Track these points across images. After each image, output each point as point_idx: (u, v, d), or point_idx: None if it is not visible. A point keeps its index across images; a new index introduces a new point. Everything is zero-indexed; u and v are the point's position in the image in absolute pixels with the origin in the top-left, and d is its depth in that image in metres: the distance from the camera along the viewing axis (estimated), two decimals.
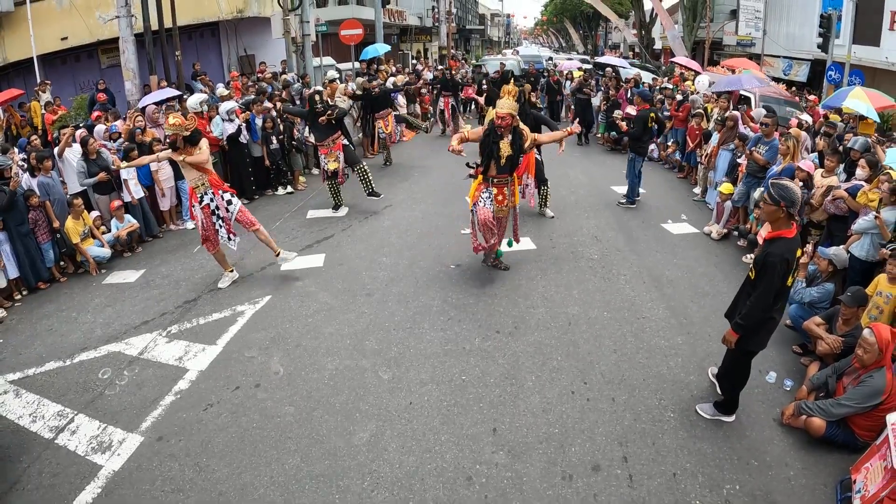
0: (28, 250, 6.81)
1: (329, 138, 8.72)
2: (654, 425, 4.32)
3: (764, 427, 4.31)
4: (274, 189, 10.54)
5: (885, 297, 4.73)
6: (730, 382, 4.26)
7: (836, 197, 6.06)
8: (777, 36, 21.33)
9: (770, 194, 3.71)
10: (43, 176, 7.25)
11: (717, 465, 3.95)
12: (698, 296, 6.29)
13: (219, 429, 4.43)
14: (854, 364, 4.12)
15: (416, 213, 9.07)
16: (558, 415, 4.45)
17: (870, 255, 5.41)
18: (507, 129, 6.10)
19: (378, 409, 4.57)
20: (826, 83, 13.82)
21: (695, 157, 10.67)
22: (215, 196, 6.49)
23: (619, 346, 5.35)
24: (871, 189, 5.66)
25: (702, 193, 9.90)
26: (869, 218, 5.43)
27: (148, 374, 5.17)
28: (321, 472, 3.96)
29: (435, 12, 33.89)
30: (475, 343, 5.44)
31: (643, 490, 3.75)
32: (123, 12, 11.56)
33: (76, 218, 7.22)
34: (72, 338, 5.82)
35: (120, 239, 7.81)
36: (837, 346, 4.53)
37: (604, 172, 11.56)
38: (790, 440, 4.17)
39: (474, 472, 3.93)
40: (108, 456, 4.18)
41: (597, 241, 7.82)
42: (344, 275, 6.96)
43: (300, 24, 16.74)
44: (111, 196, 8.05)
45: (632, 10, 36.19)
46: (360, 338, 5.60)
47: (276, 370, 5.15)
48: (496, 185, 6.33)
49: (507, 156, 6.15)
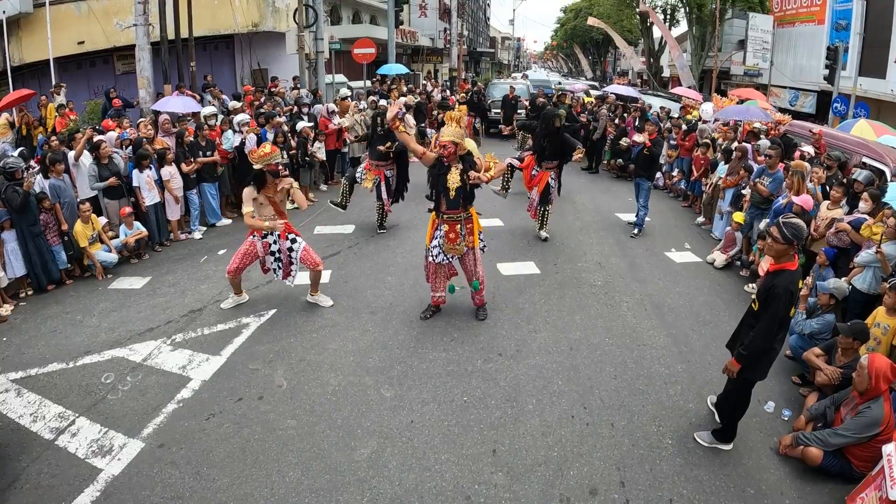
0: (40, 251, 6.90)
1: (380, 161, 8.82)
2: (651, 451, 4.36)
3: (761, 456, 4.34)
4: None
5: (882, 328, 4.78)
6: (729, 410, 4.30)
7: (839, 230, 6.12)
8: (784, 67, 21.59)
9: (783, 234, 3.77)
10: (55, 178, 7.35)
11: (713, 492, 3.97)
12: (699, 324, 6.34)
13: (221, 439, 4.48)
14: (853, 394, 4.16)
15: (421, 233, 9.11)
16: (557, 438, 4.49)
17: (871, 288, 5.46)
18: (453, 158, 5.70)
19: (379, 427, 4.62)
20: (832, 115, 13.95)
21: (699, 186, 10.76)
22: (281, 239, 6.25)
23: (619, 372, 5.40)
24: (876, 223, 5.73)
25: (705, 222, 9.97)
26: (871, 251, 5.49)
27: (151, 380, 5.23)
28: (321, 487, 4.00)
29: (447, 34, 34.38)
30: (477, 365, 5.49)
31: None
32: (141, 20, 11.76)
33: (85, 222, 7.32)
34: (76, 340, 5.88)
35: (128, 245, 7.88)
36: (836, 377, 4.57)
37: (609, 199, 11.66)
38: (787, 469, 4.20)
39: (473, 491, 3.97)
40: (109, 460, 4.22)
41: (600, 268, 7.89)
42: (349, 292, 7.03)
43: (314, 40, 17.03)
44: (121, 202, 8.15)
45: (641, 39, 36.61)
46: (364, 355, 5.65)
47: (279, 383, 5.20)
48: (447, 221, 5.84)
49: (457, 187, 5.69)
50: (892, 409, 3.89)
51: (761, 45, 22.00)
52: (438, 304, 6.41)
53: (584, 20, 35.87)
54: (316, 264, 6.43)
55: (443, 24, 35.16)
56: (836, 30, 18.53)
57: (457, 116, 5.72)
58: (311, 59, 17.65)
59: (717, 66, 25.03)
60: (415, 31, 29.69)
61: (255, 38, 19.19)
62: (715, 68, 24.82)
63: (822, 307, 5.39)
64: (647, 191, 9.23)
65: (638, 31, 36.61)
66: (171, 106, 10.50)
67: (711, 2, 25.00)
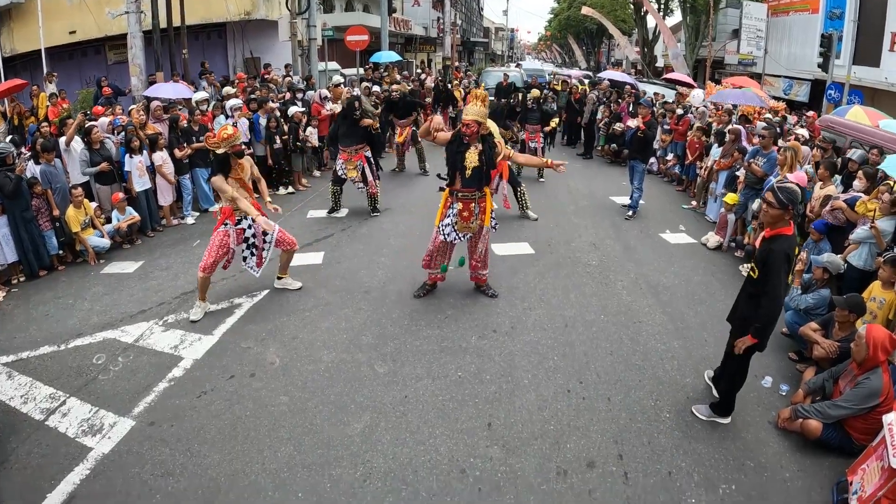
0: (32, 236, 6.80)
1: (354, 146, 8.68)
2: (649, 425, 4.31)
3: (759, 430, 4.30)
4: (275, 189, 10.55)
5: (878, 302, 4.75)
6: (727, 383, 4.26)
7: (834, 208, 6.09)
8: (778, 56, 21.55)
9: (778, 199, 3.74)
10: (46, 164, 7.24)
11: (712, 465, 3.93)
12: (695, 303, 6.29)
13: (212, 416, 4.40)
14: (851, 367, 4.13)
15: (415, 217, 9.05)
16: (553, 412, 4.44)
17: (867, 264, 5.44)
18: (474, 138, 5.58)
19: (372, 402, 4.55)
20: (826, 102, 13.94)
21: (694, 170, 10.72)
22: (255, 223, 5.91)
23: (615, 348, 5.35)
24: (871, 199, 5.70)
25: (698, 205, 9.94)
26: (866, 227, 5.46)
27: (142, 360, 5.14)
28: (313, 461, 3.93)
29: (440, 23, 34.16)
30: (472, 341, 5.43)
31: (638, 488, 3.73)
32: (133, 8, 11.66)
33: (77, 207, 7.21)
34: (68, 324, 5.79)
35: (120, 230, 7.79)
36: (833, 350, 4.54)
37: (604, 183, 11.60)
38: (786, 443, 4.16)
39: (468, 465, 3.91)
40: (99, 439, 4.14)
41: (595, 248, 7.84)
42: (342, 273, 6.96)
43: (307, 27, 16.87)
44: (112, 188, 8.05)
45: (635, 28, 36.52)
46: (357, 332, 5.58)
47: (271, 360, 5.13)
48: (461, 199, 5.76)
49: (474, 167, 5.59)
50: (891, 380, 3.85)
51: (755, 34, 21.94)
52: (435, 281, 6.30)
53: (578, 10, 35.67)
54: (292, 244, 6.31)
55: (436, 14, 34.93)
56: (831, 18, 18.49)
57: (482, 95, 5.57)
58: (304, 47, 17.50)
59: (711, 56, 24.98)
60: (408, 20, 29.46)
61: (247, 27, 19.03)
62: (709, 57, 24.77)
63: (816, 282, 5.36)
64: (641, 173, 9.21)
65: (632, 20, 36.53)
66: (163, 92, 10.46)
67: None
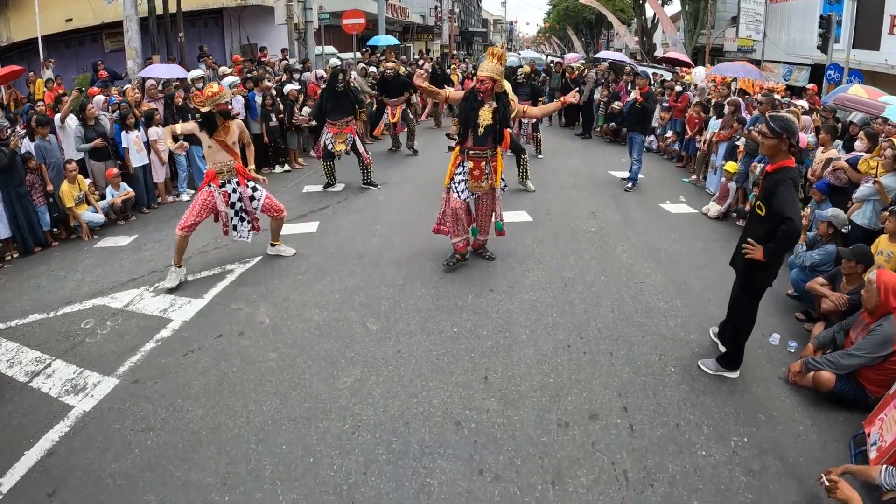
0: (27, 212, 6.67)
1: (343, 119, 8.55)
2: (654, 379, 4.13)
3: (769, 384, 4.12)
4: (271, 167, 10.39)
5: (885, 255, 4.58)
6: (734, 333, 4.07)
7: (836, 168, 5.94)
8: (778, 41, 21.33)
9: (771, 128, 3.62)
10: (40, 139, 7.11)
11: (721, 418, 3.75)
12: (697, 267, 6.11)
13: (198, 373, 4.24)
14: (862, 316, 3.95)
15: (413, 191, 8.86)
16: (553, 366, 4.26)
17: (871, 222, 5.27)
18: (488, 95, 5.38)
19: (364, 357, 4.38)
20: (826, 83, 13.75)
21: (693, 145, 10.54)
22: (240, 186, 5.74)
23: (616, 306, 5.17)
24: (873, 157, 5.55)
25: (698, 179, 9.77)
26: (869, 184, 5.31)
27: (131, 324, 4.99)
28: (300, 415, 3.75)
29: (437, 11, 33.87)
30: (468, 300, 5.25)
31: (644, 440, 3.54)
32: None
33: (71, 182, 7.09)
34: (59, 294, 5.63)
35: (114, 206, 7.66)
36: (843, 302, 4.36)
37: (602, 160, 11.38)
38: (798, 397, 3.97)
39: (463, 417, 3.73)
40: (81, 397, 4.00)
41: (594, 217, 7.65)
42: (337, 241, 6.78)
43: (303, 10, 16.62)
44: (107, 164, 7.93)
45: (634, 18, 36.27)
46: (350, 293, 5.41)
47: (261, 320, 4.95)
48: (472, 158, 5.55)
49: (487, 125, 5.39)
50: None
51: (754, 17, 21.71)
52: (464, 249, 5.91)
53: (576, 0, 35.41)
54: (280, 210, 6.09)
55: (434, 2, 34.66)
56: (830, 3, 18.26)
57: (498, 53, 5.39)
58: (300, 30, 17.25)
59: (710, 43, 24.77)
60: (405, 7, 29.19)
61: (244, 13, 18.77)
62: (708, 45, 24.56)
63: (821, 237, 5.20)
64: (640, 144, 9.04)
65: (630, 9, 36.28)
66: (158, 72, 10.39)
67: None
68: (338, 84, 8.49)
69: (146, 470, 3.32)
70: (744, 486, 3.19)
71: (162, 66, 11.04)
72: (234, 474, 3.26)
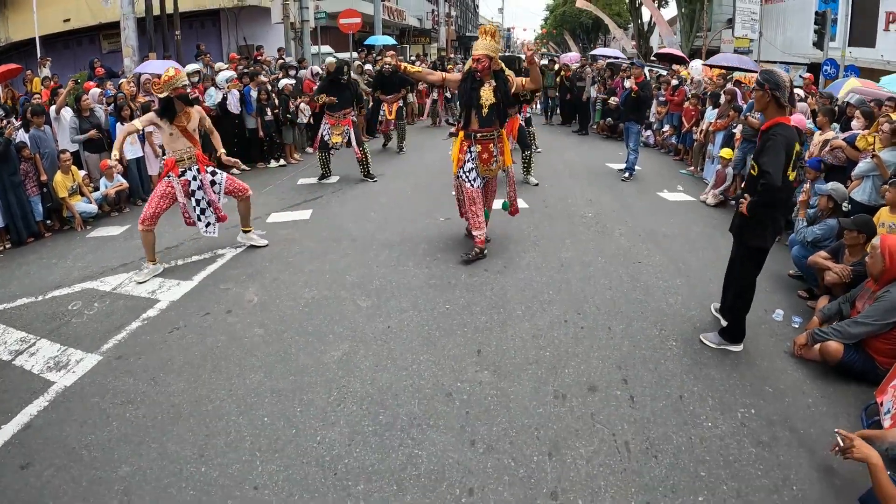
0: (20, 201, 6.58)
1: (341, 111, 8.47)
2: (655, 352, 3.97)
3: (775, 358, 3.95)
4: (266, 162, 10.29)
5: (887, 227, 4.45)
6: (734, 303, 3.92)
7: (834, 147, 5.84)
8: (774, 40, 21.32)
9: (758, 81, 3.59)
10: (35, 129, 7.02)
11: (727, 390, 3.58)
12: (696, 249, 5.96)
13: (182, 348, 4.10)
14: (867, 285, 3.80)
15: (407, 182, 8.76)
16: (549, 340, 4.10)
17: (871, 198, 5.15)
18: (486, 73, 5.19)
19: (353, 332, 4.22)
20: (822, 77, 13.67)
21: (690, 138, 10.43)
22: (201, 173, 5.56)
23: (614, 284, 5.01)
24: (871, 133, 5.46)
25: (696, 170, 9.64)
26: (868, 160, 5.21)
27: (118, 305, 4.87)
28: (284, 388, 3.60)
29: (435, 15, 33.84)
30: (461, 279, 5.09)
31: (647, 411, 3.38)
32: None
33: (65, 173, 6.99)
34: (48, 279, 5.52)
35: (108, 197, 7.57)
36: (846, 273, 4.22)
37: (599, 153, 11.26)
38: (805, 371, 3.81)
39: (455, 389, 3.57)
40: (63, 374, 3.88)
41: (591, 204, 7.51)
42: (330, 226, 6.67)
43: (299, 9, 16.54)
44: (101, 156, 7.86)
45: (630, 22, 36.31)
46: (341, 273, 5.27)
47: (249, 299, 4.82)
48: (480, 141, 5.33)
49: (490, 104, 5.20)
50: None
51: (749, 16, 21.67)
52: (483, 243, 5.59)
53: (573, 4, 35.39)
54: (245, 190, 5.85)
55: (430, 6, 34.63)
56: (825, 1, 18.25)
57: (491, 30, 5.26)
58: (297, 29, 17.16)
59: (706, 45, 24.74)
60: (402, 10, 29.15)
61: (241, 14, 18.71)
62: (704, 46, 24.52)
63: (822, 212, 5.07)
64: (636, 134, 8.96)
65: (627, 13, 36.31)
66: (153, 67, 10.30)
67: None
68: (342, 76, 8.44)
69: (122, 442, 3.16)
70: (753, 456, 3.02)
71: (158, 62, 10.99)
72: (211, 446, 3.10)
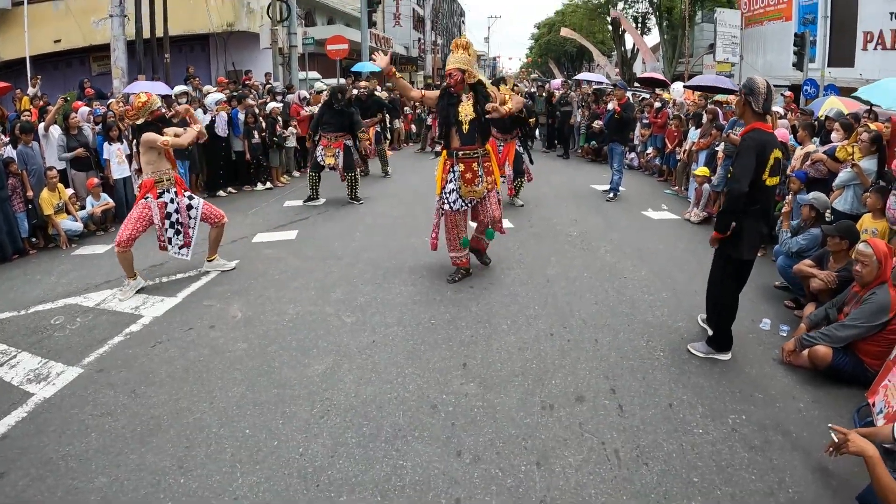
0: (7, 217, 6.53)
1: (334, 133, 8.53)
2: (642, 362, 3.94)
3: (763, 365, 3.95)
4: (253, 185, 10.27)
5: (870, 232, 4.53)
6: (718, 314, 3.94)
7: (815, 160, 5.96)
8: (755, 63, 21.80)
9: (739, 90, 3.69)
10: (23, 145, 7.02)
11: (717, 397, 3.56)
12: (681, 263, 5.99)
13: (164, 362, 4.04)
14: (854, 289, 3.82)
15: (392, 204, 8.78)
16: (536, 352, 4.07)
17: (853, 207, 5.26)
18: (459, 87, 4.93)
19: (337, 346, 4.17)
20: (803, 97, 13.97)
21: (674, 159, 10.56)
22: (178, 196, 5.49)
23: (600, 299, 5.01)
24: (850, 143, 5.58)
25: (680, 190, 9.74)
26: (849, 170, 5.32)
27: (101, 319, 4.81)
28: (266, 400, 3.53)
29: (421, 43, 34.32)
30: (446, 295, 5.07)
31: (636, 419, 3.34)
32: (117, 11, 11.64)
33: (51, 190, 6.97)
34: (31, 294, 5.45)
35: (94, 216, 7.55)
36: (832, 279, 4.25)
37: (583, 176, 11.37)
38: (794, 377, 3.81)
39: (440, 401, 3.51)
40: (43, 385, 3.80)
41: (576, 223, 7.54)
42: (316, 246, 6.65)
43: (287, 35, 16.71)
44: (88, 174, 7.87)
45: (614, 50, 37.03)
46: (326, 290, 5.23)
47: (233, 314, 4.77)
48: (462, 159, 5.04)
49: (471, 120, 4.93)
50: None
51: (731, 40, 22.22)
52: (467, 263, 5.45)
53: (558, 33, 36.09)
54: (220, 217, 5.76)
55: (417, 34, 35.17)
56: (804, 24, 18.76)
57: (463, 43, 4.99)
58: (285, 55, 17.30)
59: (688, 70, 25.25)
60: (389, 38, 29.56)
61: (230, 40, 18.92)
62: (686, 71, 25.02)
63: (805, 222, 5.13)
64: (620, 155, 9.07)
65: (611, 41, 37.04)
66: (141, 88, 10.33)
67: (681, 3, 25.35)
68: (337, 101, 8.53)
69: (100, 453, 3.08)
70: (746, 461, 2.99)
71: (146, 83, 11.10)
72: (191, 458, 3.01)
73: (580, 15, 35.36)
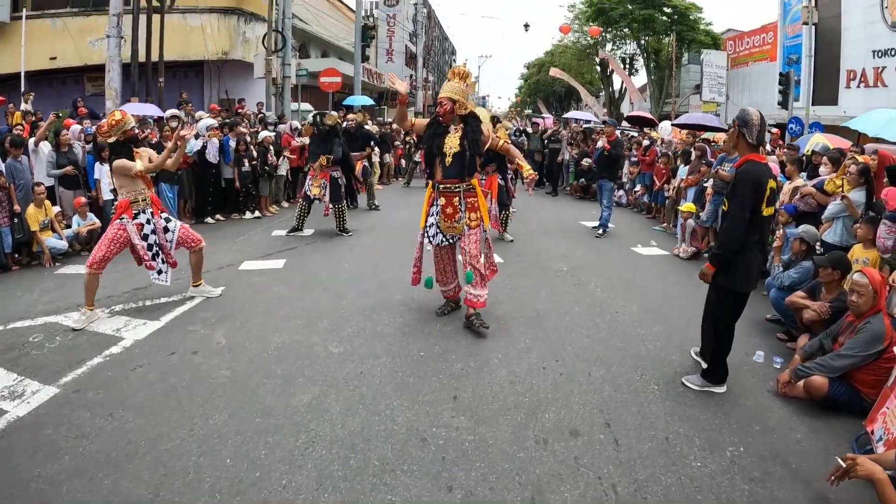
0: None
1: (316, 163, 8.52)
2: (637, 396, 3.87)
3: (759, 397, 3.91)
4: (241, 213, 10.21)
5: (861, 262, 4.57)
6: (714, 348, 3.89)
7: (804, 194, 6.04)
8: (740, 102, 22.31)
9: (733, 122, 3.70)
10: (12, 159, 6.96)
11: (714, 429, 3.49)
12: (672, 297, 5.98)
13: (143, 386, 3.90)
14: (848, 319, 3.81)
15: (380, 237, 8.73)
16: (528, 386, 3.97)
17: (843, 239, 5.32)
18: (448, 118, 4.67)
19: (324, 377, 4.05)
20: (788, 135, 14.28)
21: (662, 196, 10.67)
22: (154, 217, 5.35)
23: (592, 333, 4.95)
24: (839, 176, 5.67)
25: (668, 226, 9.81)
26: (838, 202, 5.39)
27: (81, 340, 4.68)
28: (249, 429, 3.39)
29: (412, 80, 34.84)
30: (436, 327, 4.98)
31: (633, 453, 3.25)
32: (114, 33, 11.67)
33: (38, 206, 6.90)
34: (11, 310, 5.33)
35: (79, 236, 7.46)
36: (825, 310, 4.25)
37: (573, 212, 11.43)
38: (790, 408, 3.77)
39: (430, 434, 3.40)
40: (17, 403, 3.67)
41: (565, 258, 7.52)
42: (303, 275, 6.56)
43: (281, 65, 16.87)
44: (76, 193, 7.81)
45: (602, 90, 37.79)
46: (313, 319, 5.12)
47: (217, 341, 4.64)
48: (444, 193, 4.77)
49: (455, 153, 4.63)
50: (892, 324, 3.54)
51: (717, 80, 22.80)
52: (455, 296, 5.33)
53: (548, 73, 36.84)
54: (198, 241, 5.62)
55: (409, 71, 35.74)
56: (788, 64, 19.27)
57: (461, 72, 4.73)
58: (279, 85, 17.45)
59: (675, 110, 25.80)
60: (381, 73, 29.98)
61: (224, 68, 19.04)
62: (673, 111, 25.56)
63: (796, 255, 5.17)
64: (609, 191, 9.13)
65: (599, 81, 37.82)
66: (133, 109, 10.40)
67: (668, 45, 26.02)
68: (320, 126, 8.58)
69: (74, 476, 2.93)
70: (747, 493, 2.92)
71: (138, 105, 11.18)
72: (168, 486, 2.87)
73: (569, 56, 36.13)
